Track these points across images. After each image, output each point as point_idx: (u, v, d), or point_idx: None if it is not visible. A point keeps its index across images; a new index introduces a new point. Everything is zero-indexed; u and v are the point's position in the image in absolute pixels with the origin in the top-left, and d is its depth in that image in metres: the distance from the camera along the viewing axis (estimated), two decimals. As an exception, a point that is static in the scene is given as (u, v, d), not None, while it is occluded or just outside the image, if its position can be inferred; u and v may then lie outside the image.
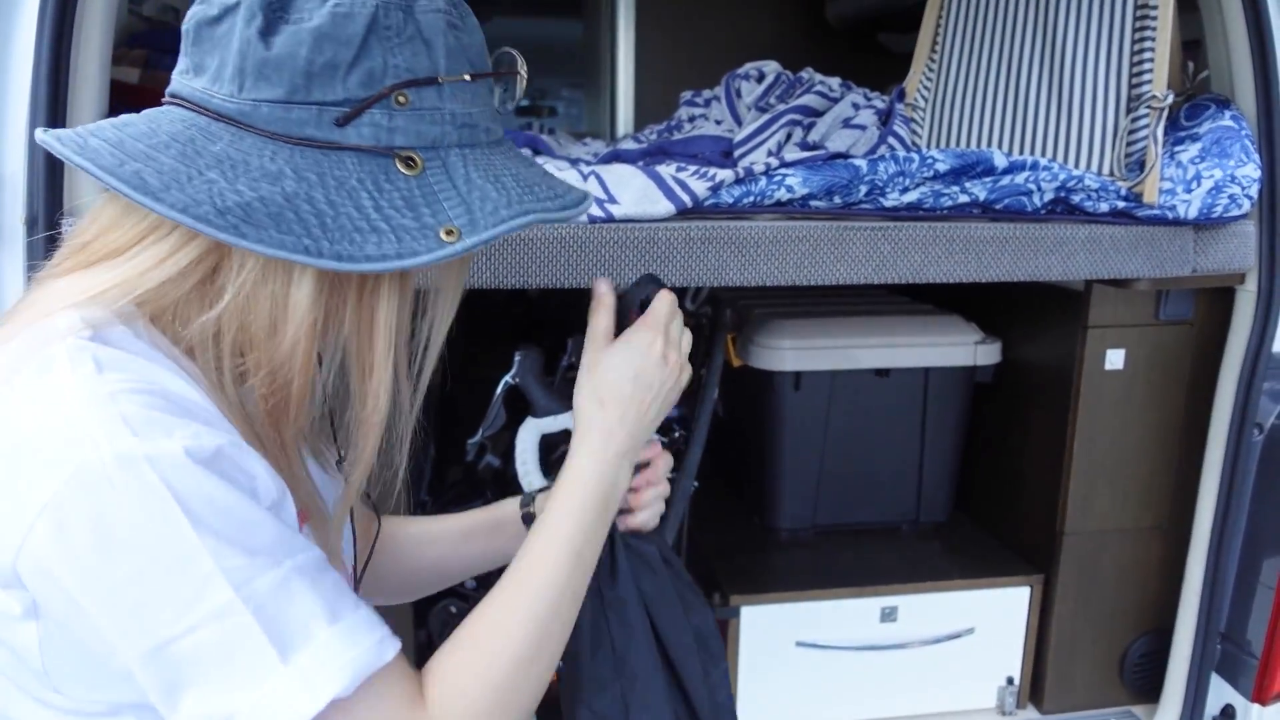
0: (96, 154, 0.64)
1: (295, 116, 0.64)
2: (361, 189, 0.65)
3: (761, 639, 1.72)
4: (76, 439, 0.59)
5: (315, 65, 0.64)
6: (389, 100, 0.65)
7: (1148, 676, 1.81)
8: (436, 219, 0.65)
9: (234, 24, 0.64)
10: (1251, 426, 1.58)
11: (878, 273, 1.40)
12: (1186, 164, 1.50)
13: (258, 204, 0.62)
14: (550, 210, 0.71)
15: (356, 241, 0.63)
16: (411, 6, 0.67)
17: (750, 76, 1.80)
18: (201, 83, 0.66)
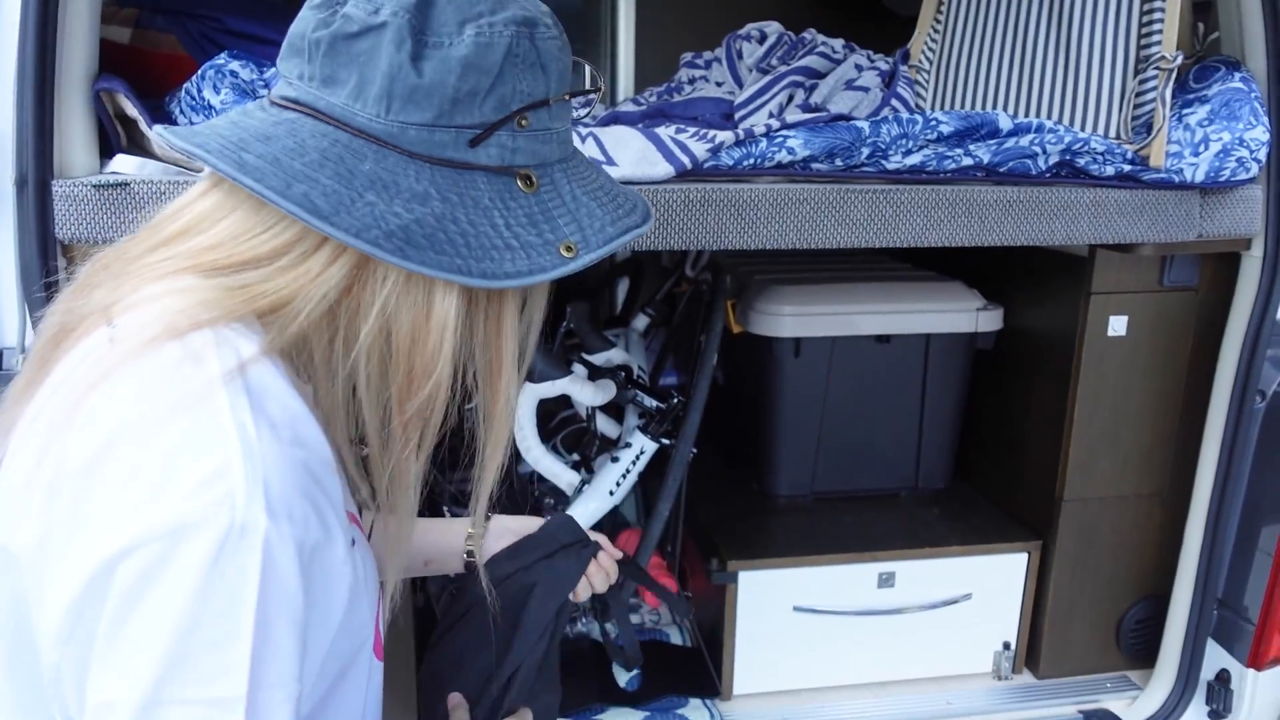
0: (260, 173, 0.65)
1: (438, 139, 0.69)
2: (494, 208, 0.70)
3: (759, 604, 1.73)
4: (228, 495, 0.59)
5: (461, 92, 0.68)
6: (513, 124, 0.71)
7: (1144, 642, 1.82)
8: (556, 236, 0.71)
9: (379, 44, 0.67)
10: (1254, 394, 1.57)
11: (879, 236, 1.38)
12: (1194, 126, 1.48)
13: (415, 226, 0.67)
14: (639, 224, 0.77)
15: (496, 259, 0.68)
16: (535, 34, 0.71)
17: (751, 37, 1.78)
18: (340, 98, 0.68)
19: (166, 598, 0.58)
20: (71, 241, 1.23)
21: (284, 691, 0.61)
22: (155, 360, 0.64)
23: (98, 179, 1.22)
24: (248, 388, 0.64)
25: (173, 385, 0.63)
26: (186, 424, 0.62)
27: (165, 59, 1.53)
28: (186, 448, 0.61)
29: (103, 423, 0.63)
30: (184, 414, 0.62)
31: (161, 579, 0.58)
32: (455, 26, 0.68)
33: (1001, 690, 1.82)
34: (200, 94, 1.33)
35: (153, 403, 0.63)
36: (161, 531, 0.58)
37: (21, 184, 1.19)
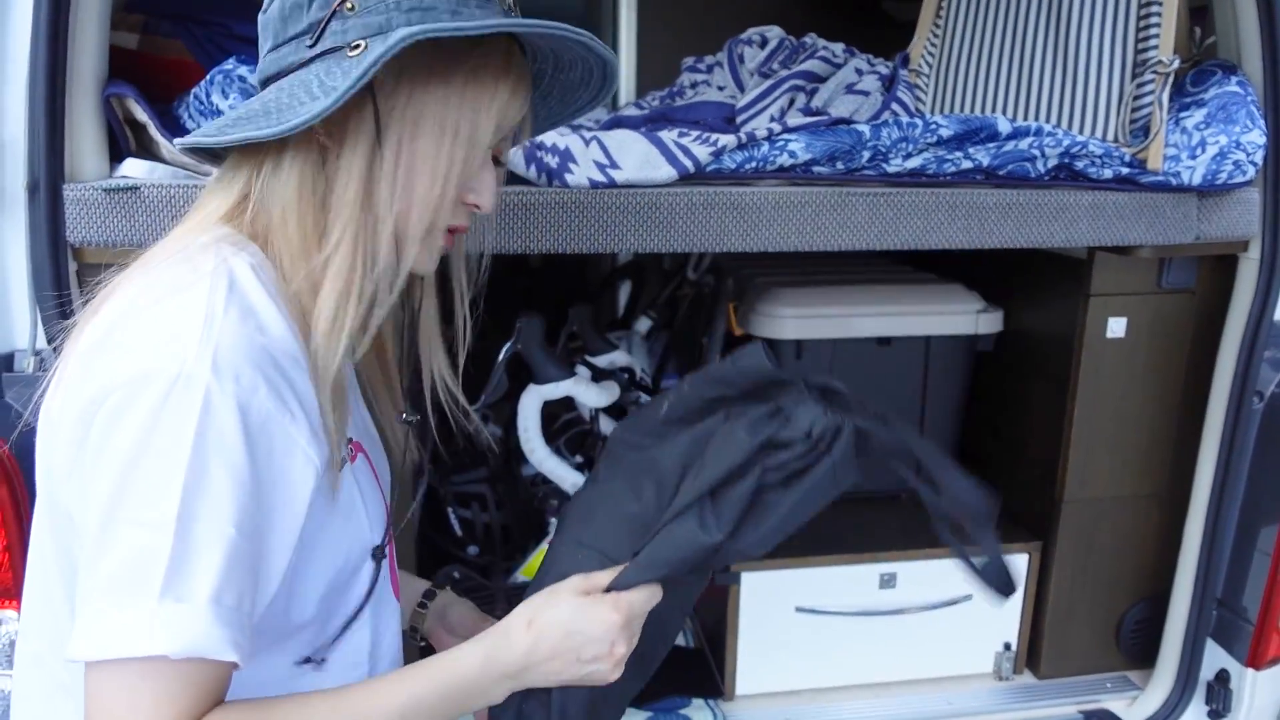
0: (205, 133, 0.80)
1: (283, 54, 0.80)
2: (313, 79, 0.77)
3: (762, 604, 1.74)
4: (181, 351, 0.70)
5: (286, 9, 0.79)
6: (340, 12, 0.77)
7: (1143, 642, 1.82)
8: (356, 58, 0.76)
9: None
10: (1251, 394, 1.58)
11: (880, 239, 1.40)
12: (1191, 130, 1.49)
13: (243, 116, 0.78)
14: (446, 25, 0.76)
15: (298, 111, 0.74)
16: None
17: (753, 42, 1.79)
18: None
19: (123, 432, 0.69)
20: (82, 245, 1.25)
21: (216, 529, 0.69)
22: (162, 267, 0.78)
23: (108, 183, 1.24)
24: (230, 279, 0.75)
25: (170, 279, 0.76)
26: (171, 304, 0.73)
27: (172, 64, 1.54)
28: (163, 317, 0.73)
29: (110, 312, 0.76)
30: (172, 297, 0.74)
31: (122, 417, 0.70)
32: None
33: (1002, 690, 1.83)
34: (209, 99, 1.35)
35: (149, 291, 0.76)
36: (126, 379, 0.70)
37: (33, 188, 1.20)
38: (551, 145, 1.34)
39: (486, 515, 1.80)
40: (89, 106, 1.26)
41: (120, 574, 0.68)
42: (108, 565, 0.69)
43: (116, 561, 0.68)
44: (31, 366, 1.24)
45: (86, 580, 0.70)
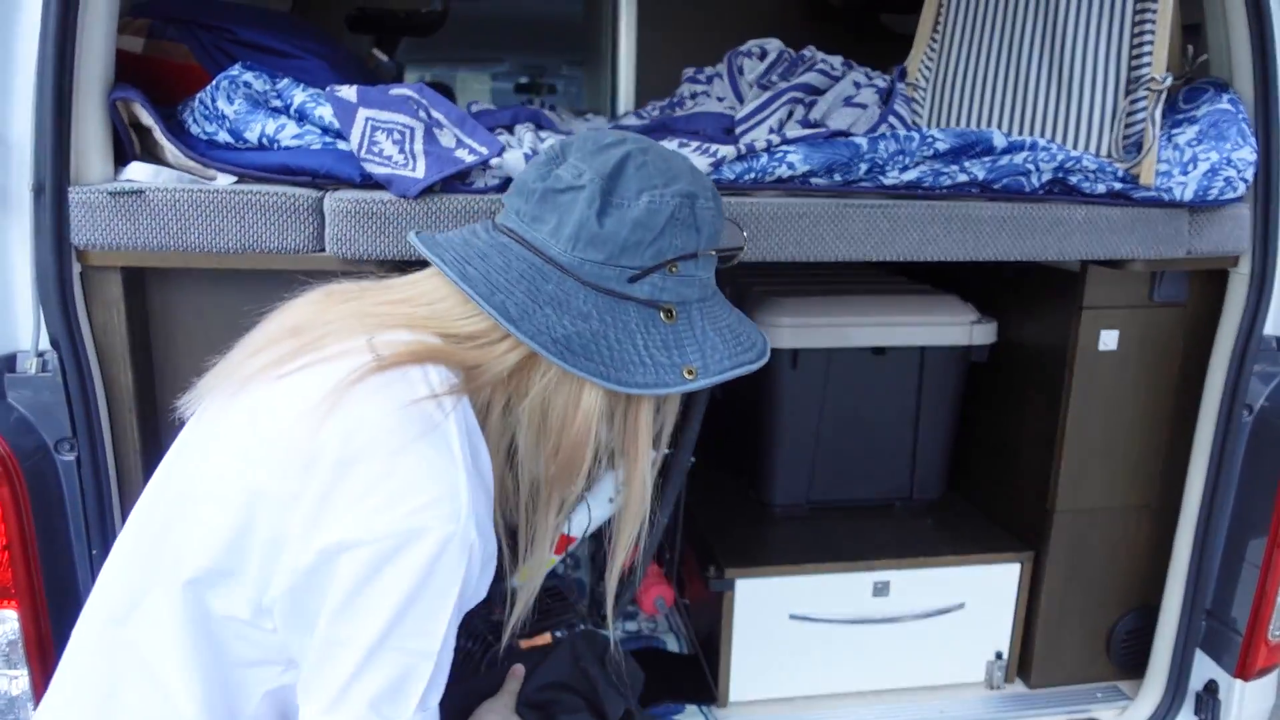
0: (475, 282, 0.92)
1: (605, 274, 0.93)
2: (637, 331, 0.94)
3: (756, 612, 1.75)
4: (455, 511, 0.83)
5: (629, 242, 0.92)
6: (665, 268, 0.94)
7: (1134, 652, 1.84)
8: (682, 360, 0.94)
9: (576, 200, 0.92)
10: (1241, 408, 1.60)
11: (877, 250, 1.41)
12: (1184, 146, 1.52)
13: (575, 337, 0.91)
14: (751, 362, 0.98)
15: (630, 371, 0.92)
16: (695, 202, 0.95)
17: (752, 54, 1.81)
18: (542, 233, 0.93)
19: (401, 576, 0.82)
20: (86, 247, 1.26)
21: (451, 649, 0.87)
22: (401, 381, 0.87)
23: (113, 186, 1.25)
24: (462, 425, 0.88)
25: (415, 412, 0.86)
26: (424, 449, 0.85)
27: (177, 68, 1.56)
28: (425, 469, 0.84)
29: (359, 428, 0.85)
30: (422, 440, 0.85)
31: (398, 564, 0.81)
32: (635, 193, 0.93)
33: (994, 699, 1.84)
34: (214, 104, 1.36)
35: (400, 425, 0.85)
36: (401, 530, 0.82)
37: (39, 190, 1.21)
38: (553, 154, 1.35)
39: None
40: (95, 110, 1.27)
41: (387, 691, 0.84)
42: (374, 682, 0.83)
43: (384, 680, 0.84)
44: (34, 368, 1.25)
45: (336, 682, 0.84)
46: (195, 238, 1.27)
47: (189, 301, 1.38)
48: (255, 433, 0.89)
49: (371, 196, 1.27)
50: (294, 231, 1.28)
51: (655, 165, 0.94)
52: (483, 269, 0.92)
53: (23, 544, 1.21)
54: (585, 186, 0.91)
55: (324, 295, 1.00)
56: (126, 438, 1.34)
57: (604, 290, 0.92)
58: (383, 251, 1.28)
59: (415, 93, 1.38)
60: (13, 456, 1.20)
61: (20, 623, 1.23)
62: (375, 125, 1.31)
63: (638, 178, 0.93)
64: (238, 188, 1.28)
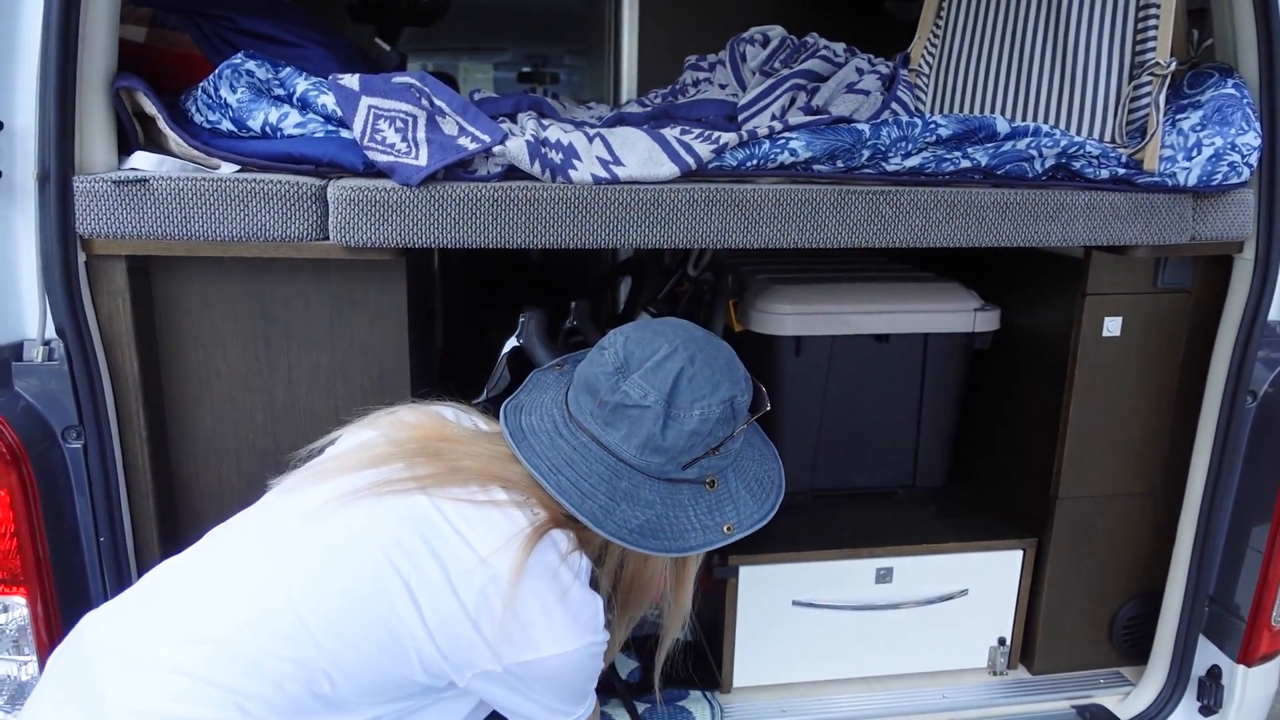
0: (567, 492, 1.13)
1: (667, 469, 1.15)
2: (689, 505, 1.17)
3: (759, 598, 1.75)
4: (592, 626, 1.14)
5: (686, 446, 1.14)
6: (711, 453, 1.16)
7: (1136, 638, 1.84)
8: (722, 519, 1.18)
9: (643, 417, 1.13)
10: (1245, 394, 1.60)
11: (879, 236, 1.41)
12: (1188, 131, 1.51)
13: (645, 526, 1.14)
14: (773, 506, 1.22)
15: (686, 537, 1.16)
16: (735, 401, 1.15)
17: (755, 41, 1.81)
18: (614, 439, 1.14)
19: (573, 674, 1.15)
20: (91, 236, 1.26)
21: None
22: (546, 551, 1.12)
23: (118, 175, 1.25)
24: (587, 579, 1.17)
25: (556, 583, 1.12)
26: (572, 602, 1.12)
27: (179, 57, 1.56)
28: (574, 612, 1.12)
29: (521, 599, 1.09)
30: (569, 595, 1.12)
31: (572, 665, 1.13)
32: (689, 405, 1.13)
33: (996, 685, 1.85)
34: (217, 93, 1.36)
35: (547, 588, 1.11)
36: (571, 646, 1.12)
37: (44, 179, 1.22)
38: (556, 141, 1.35)
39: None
40: (99, 99, 1.28)
41: None
42: None
43: None
44: (40, 356, 1.25)
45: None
46: (199, 226, 1.27)
47: (193, 289, 1.39)
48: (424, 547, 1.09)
49: (375, 184, 1.28)
50: (297, 220, 1.29)
51: (703, 376, 1.14)
52: (571, 476, 1.13)
53: (30, 531, 1.22)
54: (651, 407, 1.12)
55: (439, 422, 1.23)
56: (132, 425, 1.35)
57: (664, 479, 1.15)
58: (386, 239, 1.28)
59: (417, 81, 1.38)
60: (20, 445, 1.21)
61: (29, 609, 1.24)
62: (378, 113, 1.31)
63: (690, 390, 1.13)
64: (241, 176, 1.29)
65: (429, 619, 1.06)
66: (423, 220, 1.28)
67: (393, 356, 1.46)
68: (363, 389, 1.45)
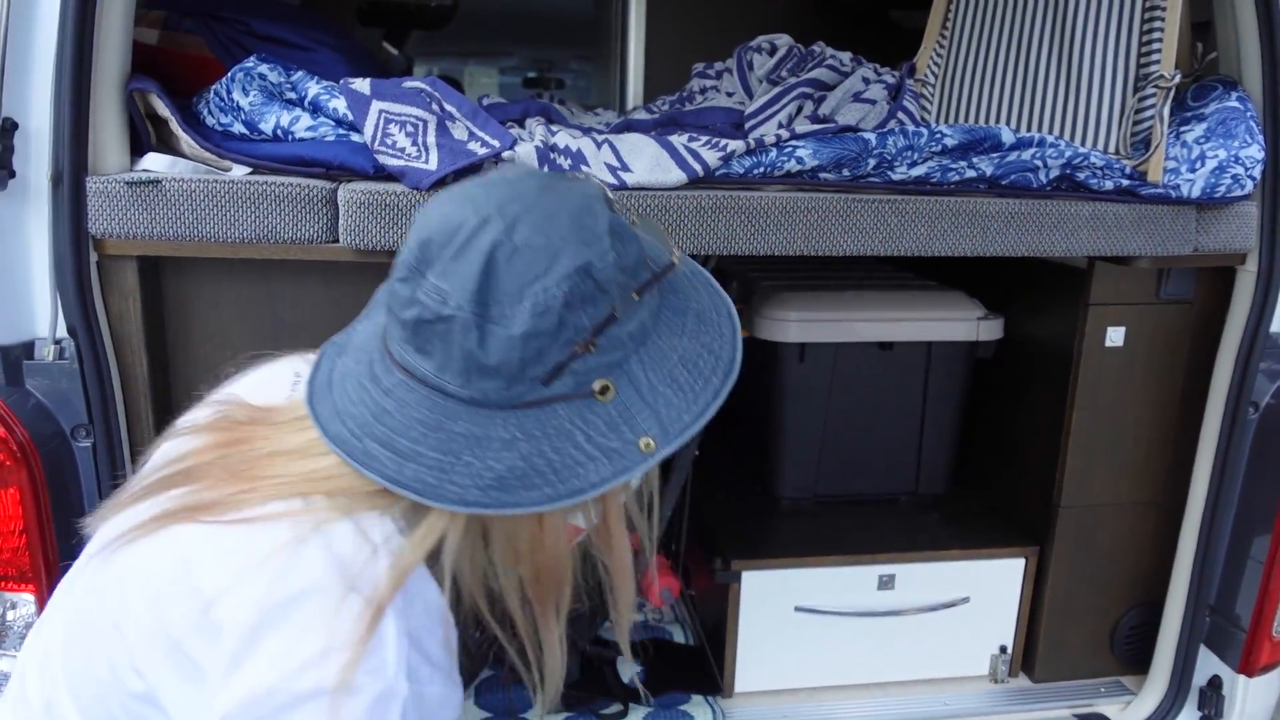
0: (380, 462, 0.79)
1: (515, 391, 0.78)
2: (574, 429, 0.79)
3: (761, 603, 1.76)
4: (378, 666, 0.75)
5: (527, 358, 0.77)
6: (580, 354, 0.78)
7: (1138, 648, 1.85)
8: (634, 433, 0.79)
9: (451, 331, 0.77)
10: (1247, 405, 1.61)
11: (884, 245, 1.42)
12: (1191, 144, 1.52)
13: (507, 474, 0.77)
14: (718, 390, 0.83)
15: (581, 474, 0.78)
16: (591, 273, 0.77)
17: (762, 49, 1.82)
18: (430, 366, 0.79)
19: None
20: (103, 236, 1.27)
21: None
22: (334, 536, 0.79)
23: (130, 176, 1.26)
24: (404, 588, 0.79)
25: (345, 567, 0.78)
26: (355, 606, 0.76)
27: (192, 60, 1.57)
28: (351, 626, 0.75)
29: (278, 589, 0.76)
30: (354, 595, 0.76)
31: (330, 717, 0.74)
32: (515, 296, 0.76)
33: (998, 693, 1.85)
34: (230, 95, 1.37)
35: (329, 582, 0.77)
36: (330, 687, 0.73)
37: (57, 180, 1.23)
38: (564, 147, 1.36)
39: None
40: (112, 101, 1.29)
41: None
42: None
43: None
44: (51, 355, 1.26)
45: None
46: (210, 228, 1.29)
47: (204, 291, 1.40)
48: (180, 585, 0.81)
49: (385, 188, 1.29)
50: (308, 222, 1.30)
51: (531, 249, 0.77)
52: (384, 436, 0.79)
53: (40, 529, 1.23)
54: (455, 315, 0.76)
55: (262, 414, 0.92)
56: (141, 425, 1.36)
57: (521, 405, 0.78)
58: (395, 243, 1.29)
59: (428, 85, 1.40)
60: (30, 442, 1.22)
61: (37, 606, 1.25)
62: (388, 117, 1.32)
63: (511, 275, 0.76)
64: (253, 179, 1.30)
65: None
66: (432, 224, 1.29)
67: (400, 359, 1.47)
68: (370, 391, 1.46)
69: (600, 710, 1.70)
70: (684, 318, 0.85)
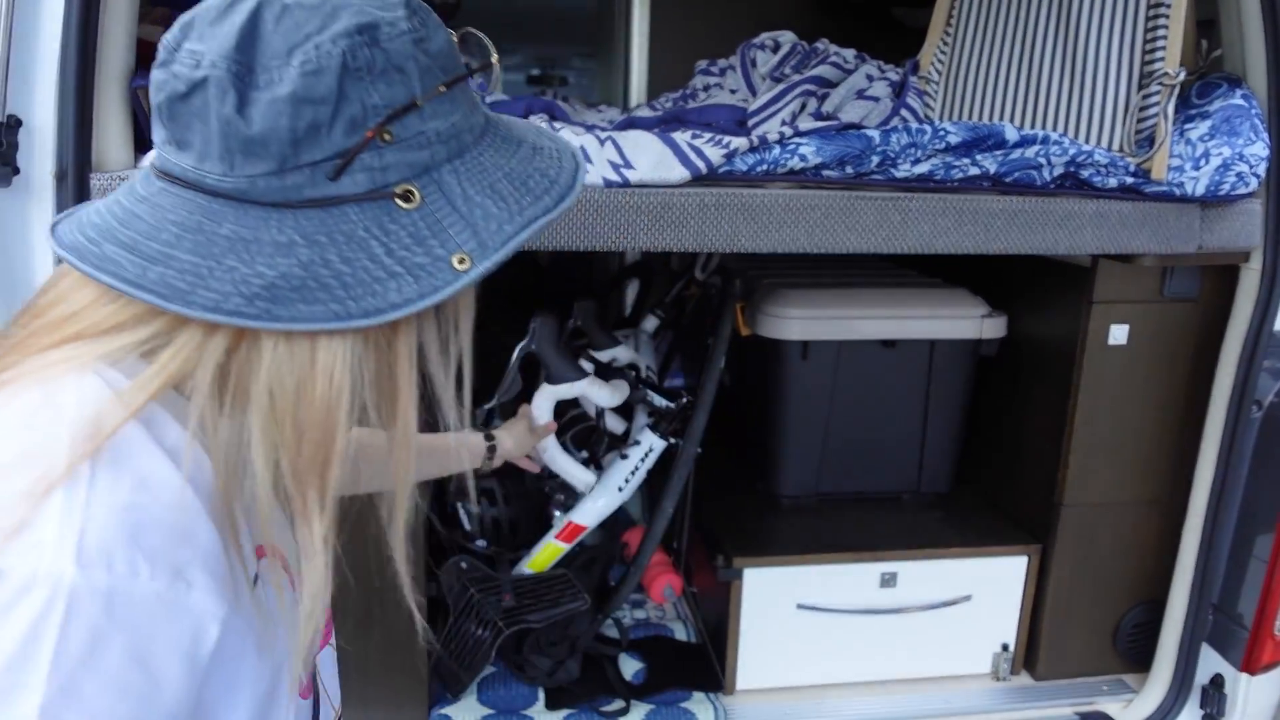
0: (118, 265, 0.64)
1: (291, 183, 0.64)
2: (370, 237, 0.65)
3: (763, 601, 1.76)
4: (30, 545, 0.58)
5: (299, 131, 0.63)
6: (375, 141, 0.65)
7: (1140, 646, 1.85)
8: (446, 249, 0.66)
9: (206, 100, 0.63)
10: (1250, 404, 1.60)
11: (888, 243, 1.42)
12: (1196, 141, 1.52)
13: (280, 282, 0.63)
14: (550, 208, 0.70)
15: (378, 292, 0.64)
16: (377, 37, 0.65)
17: (766, 46, 1.82)
18: (189, 159, 0.65)
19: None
20: (107, 233, 1.27)
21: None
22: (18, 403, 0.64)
23: (134, 173, 1.26)
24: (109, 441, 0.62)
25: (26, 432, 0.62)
26: (29, 473, 0.59)
27: (195, 58, 1.57)
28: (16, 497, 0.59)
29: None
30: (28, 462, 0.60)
31: None
32: (284, 57, 0.63)
33: (1000, 691, 1.86)
34: (233, 93, 1.37)
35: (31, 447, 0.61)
36: None
37: (61, 176, 1.23)
38: (567, 144, 1.36)
39: (495, 510, 1.83)
40: (116, 97, 1.29)
41: None
42: None
43: None
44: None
45: None
46: (214, 224, 1.29)
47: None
48: None
49: (388, 185, 1.29)
50: (311, 219, 1.30)
51: (302, 5, 0.65)
52: (129, 239, 0.65)
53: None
54: (209, 78, 0.62)
55: None
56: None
57: (302, 204, 0.65)
58: (398, 240, 1.29)
59: (431, 83, 1.39)
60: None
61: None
62: (392, 114, 1.32)
63: (280, 35, 0.63)
64: (256, 175, 1.30)
65: None
66: (435, 221, 1.29)
67: (403, 356, 1.47)
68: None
69: (601, 707, 1.70)
70: (514, 146, 0.73)
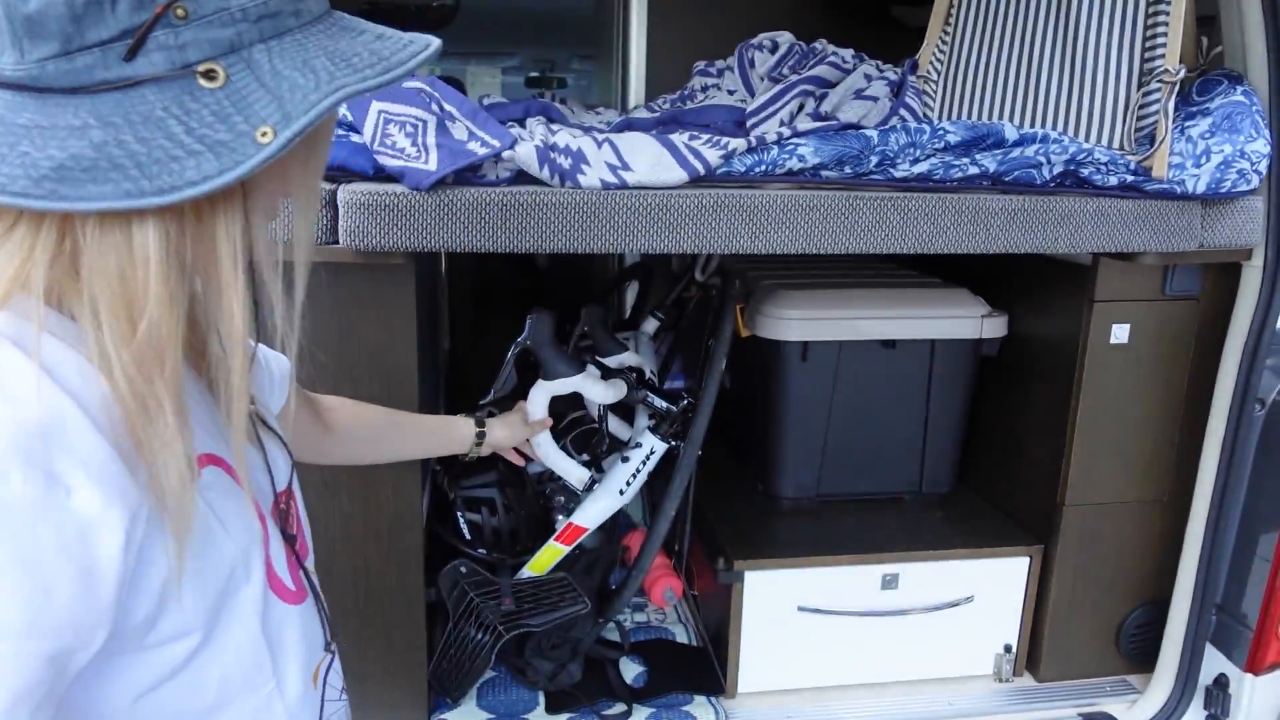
0: None
1: (81, 64, 0.62)
2: (169, 117, 0.63)
3: (764, 603, 1.75)
4: None
5: (77, 6, 0.61)
6: (168, 18, 0.62)
7: (1143, 646, 1.84)
8: (250, 123, 0.64)
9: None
10: (1253, 402, 1.60)
11: (887, 243, 1.41)
12: (1196, 139, 1.51)
13: (70, 163, 0.61)
14: (368, 78, 0.67)
15: (175, 171, 0.62)
16: None
17: (764, 47, 1.81)
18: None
19: None
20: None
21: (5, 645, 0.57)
22: None
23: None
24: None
25: None
26: None
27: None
28: None
29: None
30: None
31: None
32: None
33: (1002, 692, 1.85)
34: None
35: None
36: None
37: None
38: (565, 146, 1.36)
39: (495, 520, 1.82)
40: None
41: None
42: None
43: None
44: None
45: None
46: (210, 229, 1.28)
47: (203, 292, 1.39)
48: None
49: (384, 189, 1.28)
50: (307, 223, 1.29)
51: None
52: None
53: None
54: None
55: None
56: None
57: (98, 87, 0.62)
58: (396, 243, 1.29)
59: (427, 85, 1.39)
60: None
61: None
62: (388, 118, 1.32)
63: None
64: (252, 179, 1.29)
65: None
66: (432, 225, 1.29)
67: (401, 359, 1.46)
68: (370, 391, 1.46)
69: (602, 711, 1.70)
70: (355, 34, 0.71)
